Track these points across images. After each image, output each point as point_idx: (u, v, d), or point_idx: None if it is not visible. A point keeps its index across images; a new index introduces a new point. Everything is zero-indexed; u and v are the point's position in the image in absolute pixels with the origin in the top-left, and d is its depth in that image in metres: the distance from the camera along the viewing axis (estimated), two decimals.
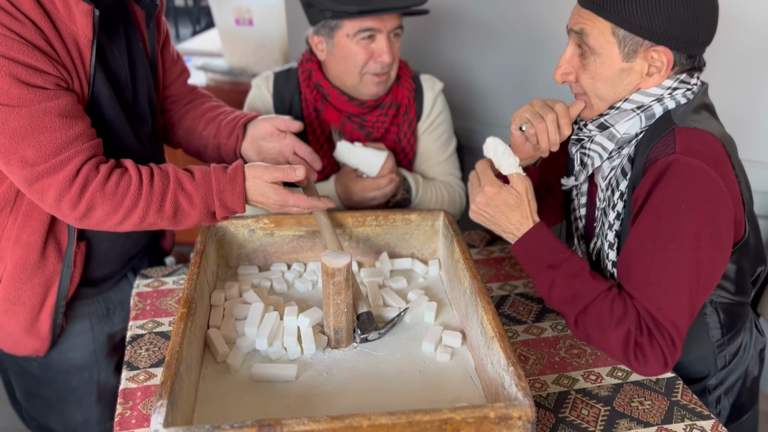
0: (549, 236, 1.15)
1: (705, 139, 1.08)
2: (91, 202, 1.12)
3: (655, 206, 1.06)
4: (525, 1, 1.97)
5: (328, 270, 1.10)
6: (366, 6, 1.39)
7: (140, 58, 1.30)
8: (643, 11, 1.06)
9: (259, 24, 2.35)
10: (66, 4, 1.10)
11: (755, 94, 1.80)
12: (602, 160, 1.19)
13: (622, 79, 1.13)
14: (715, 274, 1.09)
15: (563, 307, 1.13)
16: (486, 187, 1.14)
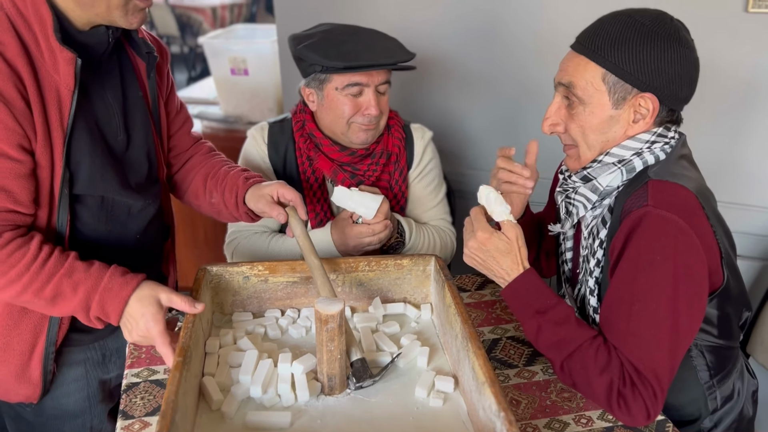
0: (538, 282, 1.18)
1: (677, 192, 1.13)
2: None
3: (631, 258, 1.10)
4: (511, 51, 2.04)
5: (321, 317, 1.12)
6: (352, 62, 1.44)
7: (138, 107, 1.33)
8: (634, 60, 1.13)
9: (254, 73, 2.42)
10: (51, 51, 1.12)
11: (735, 138, 1.87)
12: (586, 210, 1.24)
13: (610, 126, 1.18)
14: (693, 323, 1.12)
15: (549, 353, 1.17)
16: (478, 233, 1.19)
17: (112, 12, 1.14)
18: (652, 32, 1.13)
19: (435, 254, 1.44)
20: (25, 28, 1.11)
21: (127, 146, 1.31)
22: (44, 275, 1.14)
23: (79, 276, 1.16)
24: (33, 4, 1.11)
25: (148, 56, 1.31)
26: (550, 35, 1.97)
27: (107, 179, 1.25)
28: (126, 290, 1.17)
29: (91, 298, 1.16)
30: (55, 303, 1.16)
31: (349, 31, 1.53)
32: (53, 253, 1.16)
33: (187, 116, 1.56)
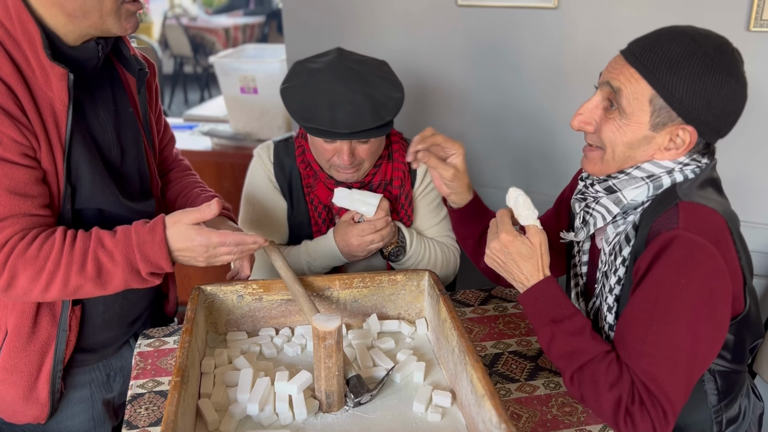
0: (557, 291, 1.16)
1: (708, 216, 1.08)
2: (13, 269, 1.12)
3: (656, 279, 1.07)
4: (513, 72, 2.07)
5: (319, 333, 1.11)
6: (309, 124, 1.40)
7: (130, 122, 1.33)
8: (688, 89, 1.07)
9: (263, 92, 2.46)
10: (43, 69, 1.13)
11: (741, 156, 1.87)
12: (605, 222, 1.20)
13: (640, 145, 1.13)
14: (713, 349, 1.09)
15: (560, 363, 1.14)
16: (501, 234, 1.16)
17: (105, 20, 1.14)
18: (714, 63, 1.06)
19: (428, 269, 1.43)
20: (15, 47, 1.12)
21: (121, 161, 1.31)
22: (78, 254, 1.14)
23: (109, 243, 1.16)
24: (20, 23, 1.11)
25: (139, 72, 1.31)
26: (551, 57, 2.00)
27: (106, 193, 1.25)
28: (158, 234, 1.17)
29: (133, 259, 1.16)
30: (102, 278, 1.16)
31: (341, 73, 1.45)
32: (77, 234, 1.16)
33: (171, 134, 1.57)
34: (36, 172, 1.15)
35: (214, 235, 1.17)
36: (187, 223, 1.18)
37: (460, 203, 1.41)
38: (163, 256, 1.17)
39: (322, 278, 1.39)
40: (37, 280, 1.14)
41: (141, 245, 1.16)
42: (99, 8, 1.12)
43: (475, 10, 2.02)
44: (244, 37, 7.25)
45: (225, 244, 1.18)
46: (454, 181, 1.36)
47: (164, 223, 1.18)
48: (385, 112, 1.43)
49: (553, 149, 2.07)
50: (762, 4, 1.67)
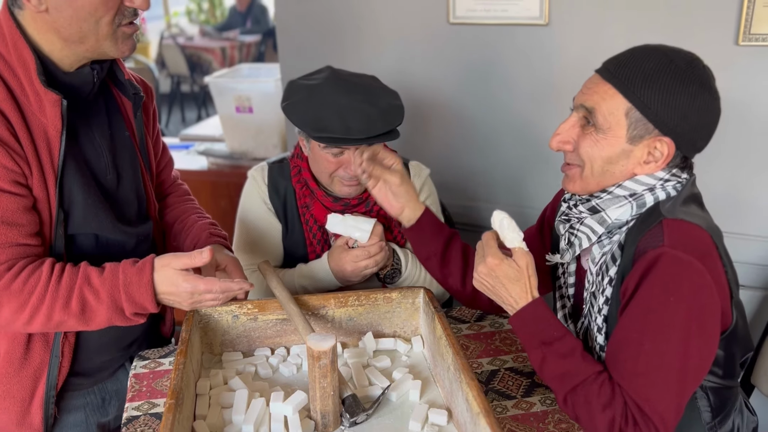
0: (546, 313, 1.16)
1: (693, 232, 1.09)
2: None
3: (644, 298, 1.07)
4: (507, 89, 2.09)
5: (313, 353, 1.11)
6: (323, 134, 1.41)
7: (126, 146, 1.34)
8: (663, 101, 1.08)
9: (259, 111, 2.48)
10: (37, 95, 1.14)
11: (732, 168, 1.89)
12: (590, 243, 1.20)
13: (619, 159, 1.14)
14: (704, 365, 1.09)
15: (553, 384, 1.14)
16: (488, 258, 1.16)
17: (102, 44, 1.15)
18: (686, 75, 1.09)
19: (424, 287, 1.43)
20: (9, 73, 1.13)
21: (117, 185, 1.31)
22: (64, 290, 1.14)
23: (96, 281, 1.16)
24: (16, 49, 1.12)
25: (134, 96, 1.32)
26: (542, 73, 2.02)
27: (100, 217, 1.25)
28: (145, 277, 1.17)
29: (118, 299, 1.16)
30: (86, 316, 1.16)
31: (340, 87, 1.48)
32: (65, 269, 1.16)
33: (170, 157, 1.58)
34: (25, 200, 1.15)
35: (200, 282, 1.18)
36: (175, 267, 1.18)
37: (413, 217, 1.41)
38: (149, 299, 1.17)
39: (317, 297, 1.39)
40: (21, 313, 1.14)
41: (127, 286, 1.16)
42: (95, 32, 1.12)
43: (466, 27, 2.04)
44: (240, 56, 7.29)
45: (211, 291, 1.19)
46: (402, 186, 1.39)
47: (153, 265, 1.18)
48: (392, 118, 1.45)
49: (546, 164, 2.08)
50: (750, 19, 1.69)
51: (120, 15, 1.13)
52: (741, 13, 1.70)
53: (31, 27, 1.13)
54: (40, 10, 1.09)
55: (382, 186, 1.40)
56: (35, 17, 1.11)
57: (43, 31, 1.13)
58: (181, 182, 1.63)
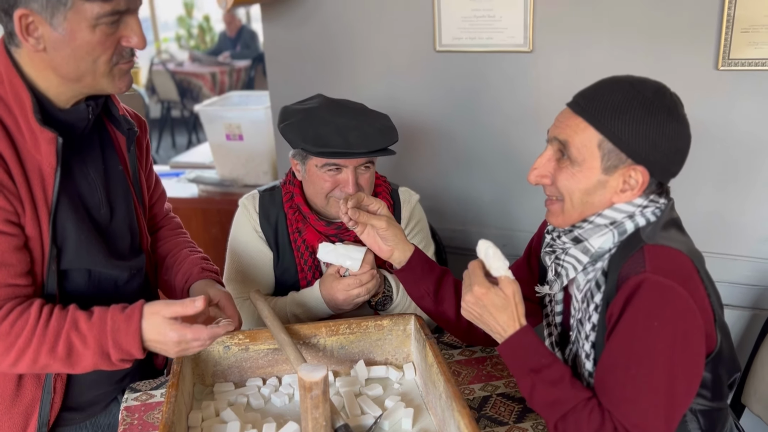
0: (534, 340, 1.17)
1: (673, 256, 1.11)
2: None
3: (629, 324, 1.09)
4: (494, 115, 2.12)
5: (305, 384, 1.11)
6: (324, 149, 1.45)
7: (119, 180, 1.34)
8: (633, 132, 1.11)
9: (249, 138, 2.50)
10: (32, 132, 1.14)
11: (715, 190, 1.92)
12: (576, 272, 1.21)
13: (596, 190, 1.16)
14: (691, 388, 1.11)
15: (543, 412, 1.15)
16: (475, 287, 1.17)
17: (99, 81, 1.16)
18: (653, 105, 1.12)
19: (415, 314, 1.44)
20: (5, 110, 1.14)
21: (110, 219, 1.32)
22: (51, 334, 1.13)
23: (84, 326, 1.15)
24: (12, 87, 1.13)
25: (129, 131, 1.33)
26: (527, 98, 2.06)
27: (93, 253, 1.26)
28: (133, 324, 1.15)
29: (105, 345, 1.15)
30: (72, 360, 1.15)
31: (335, 110, 1.53)
32: (54, 312, 1.16)
33: (162, 189, 1.58)
34: (16, 239, 1.15)
35: (188, 331, 1.16)
36: (165, 315, 1.16)
37: (403, 259, 1.42)
38: (135, 346, 1.16)
39: (308, 326, 1.40)
40: (6, 356, 1.13)
41: (115, 332, 1.15)
42: (93, 71, 1.14)
43: (452, 54, 2.08)
44: (230, 82, 7.33)
45: (198, 338, 1.17)
46: (389, 230, 1.40)
47: (141, 312, 1.17)
48: (389, 136, 1.51)
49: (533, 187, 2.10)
50: (728, 45, 1.74)
51: (117, 54, 1.14)
52: (720, 39, 1.75)
53: (28, 65, 1.14)
54: (38, 49, 1.10)
55: (370, 231, 1.41)
56: (32, 56, 1.13)
57: (40, 68, 1.14)
58: (174, 215, 1.63)
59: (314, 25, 2.23)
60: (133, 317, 1.16)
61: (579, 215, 1.20)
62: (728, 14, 1.71)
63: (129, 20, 1.12)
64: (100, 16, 1.08)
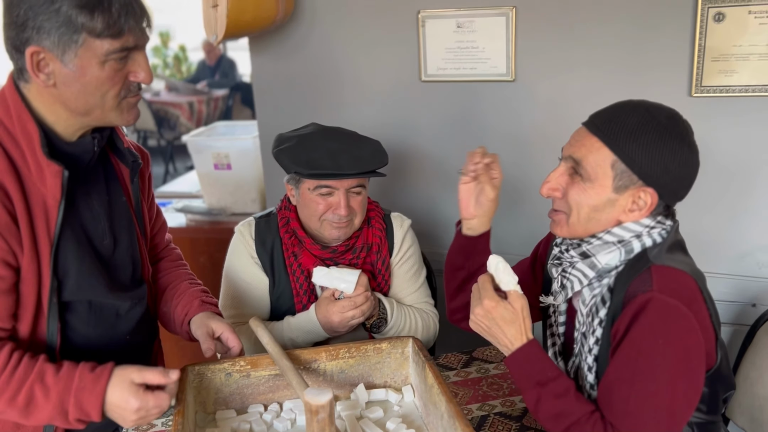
0: (540, 354, 1.21)
1: (679, 278, 1.17)
2: None
3: (634, 340, 1.13)
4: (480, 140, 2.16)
5: (311, 408, 1.13)
6: (315, 170, 1.50)
7: (123, 211, 1.36)
8: (646, 155, 1.16)
9: (237, 167, 2.52)
10: (38, 165, 1.16)
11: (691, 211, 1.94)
12: (582, 286, 1.26)
13: (605, 207, 1.21)
14: (691, 404, 1.16)
15: (548, 424, 1.19)
16: (485, 301, 1.20)
17: (107, 114, 1.19)
18: (667, 131, 1.17)
19: (412, 336, 1.47)
20: (12, 144, 1.16)
21: (113, 250, 1.33)
22: (15, 382, 1.13)
23: (50, 380, 1.15)
24: (20, 122, 1.15)
25: (133, 163, 1.36)
26: (511, 125, 2.13)
27: (94, 284, 1.27)
28: (99, 385, 1.15)
29: (66, 401, 1.15)
30: (28, 411, 1.14)
31: (329, 135, 1.59)
32: (22, 360, 1.15)
33: (164, 220, 1.60)
34: (3, 283, 1.15)
35: (150, 397, 1.15)
36: (134, 381, 1.16)
37: (477, 230, 1.45)
38: (96, 408, 1.15)
39: (308, 351, 1.42)
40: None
41: (79, 390, 1.15)
42: (101, 105, 1.17)
43: (437, 84, 2.15)
44: (208, 110, 7.34)
45: (159, 406, 1.17)
46: (492, 202, 1.42)
47: (110, 374, 1.17)
48: (379, 159, 1.57)
49: (518, 212, 2.17)
50: (701, 73, 1.83)
51: (125, 89, 1.17)
52: (692, 68, 1.84)
53: (37, 100, 1.17)
54: (48, 85, 1.13)
55: (473, 188, 1.42)
56: (42, 91, 1.15)
57: (49, 103, 1.16)
58: (174, 246, 1.65)
59: (302, 56, 2.28)
60: (102, 378, 1.16)
61: (584, 230, 1.25)
62: (699, 44, 1.81)
63: (137, 56, 1.16)
64: (109, 53, 1.11)
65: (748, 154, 1.90)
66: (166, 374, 1.17)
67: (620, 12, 1.90)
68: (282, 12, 2.09)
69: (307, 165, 1.51)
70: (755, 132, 1.87)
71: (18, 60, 1.13)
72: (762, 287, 1.96)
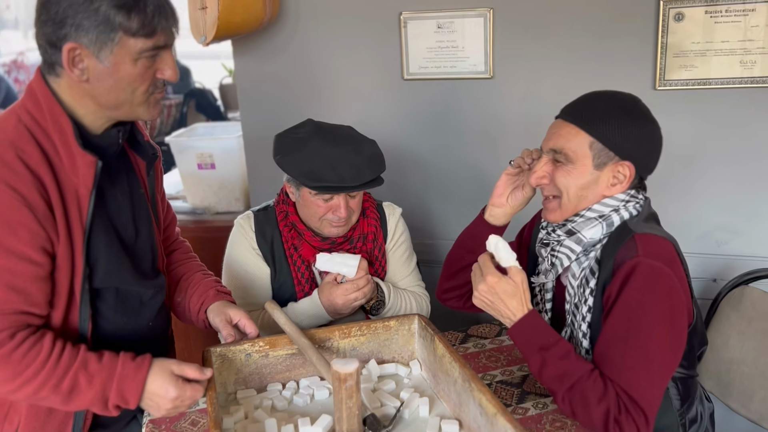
0: (540, 322, 1.33)
1: (660, 243, 1.31)
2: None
3: (626, 301, 1.27)
4: (459, 134, 2.30)
5: (340, 376, 1.21)
6: (318, 183, 1.57)
7: (141, 202, 1.41)
8: (619, 133, 1.32)
9: (221, 166, 2.56)
10: (71, 156, 1.21)
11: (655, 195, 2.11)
12: (570, 261, 1.39)
13: (590, 185, 1.35)
14: (677, 356, 1.30)
15: (552, 385, 1.30)
16: (488, 277, 1.31)
17: (135, 109, 1.24)
18: (632, 111, 1.34)
19: (418, 313, 1.57)
20: (44, 137, 1.20)
21: (135, 239, 1.38)
22: (60, 370, 1.18)
23: (94, 367, 1.20)
24: (52, 115, 1.20)
25: (152, 156, 1.41)
26: (489, 120, 2.26)
27: (122, 271, 1.32)
28: (141, 373, 1.22)
29: (108, 388, 1.20)
30: (71, 397, 1.19)
31: (328, 139, 1.63)
32: (66, 348, 1.20)
33: (174, 213, 1.66)
34: (41, 270, 1.19)
35: (188, 388, 1.23)
36: (173, 371, 1.23)
37: (498, 220, 1.59)
38: (136, 395, 1.21)
39: (322, 330, 1.50)
40: (10, 383, 1.16)
41: (122, 377, 1.20)
42: (131, 100, 1.22)
43: (419, 82, 2.26)
44: (161, 117, 7.25)
45: (194, 397, 1.24)
46: (523, 202, 1.56)
47: (151, 363, 1.23)
48: (377, 166, 1.64)
49: None
50: (664, 68, 2.00)
51: (153, 85, 1.23)
52: (656, 64, 2.01)
53: (66, 93, 1.21)
54: (82, 80, 1.18)
55: (512, 180, 1.55)
56: (72, 85, 1.20)
57: (79, 97, 1.21)
58: (183, 239, 1.70)
59: (286, 57, 2.36)
60: (143, 367, 1.22)
61: (574, 209, 1.38)
62: (662, 42, 1.98)
63: (165, 55, 1.22)
64: (142, 51, 1.17)
65: (706, 141, 2.08)
66: (202, 371, 1.25)
67: (590, 13, 2.06)
68: (269, 14, 2.16)
69: (311, 177, 1.57)
70: (712, 121, 2.05)
71: (52, 55, 1.17)
72: (721, 263, 2.15)
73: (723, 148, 2.07)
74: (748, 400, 1.73)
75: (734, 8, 1.90)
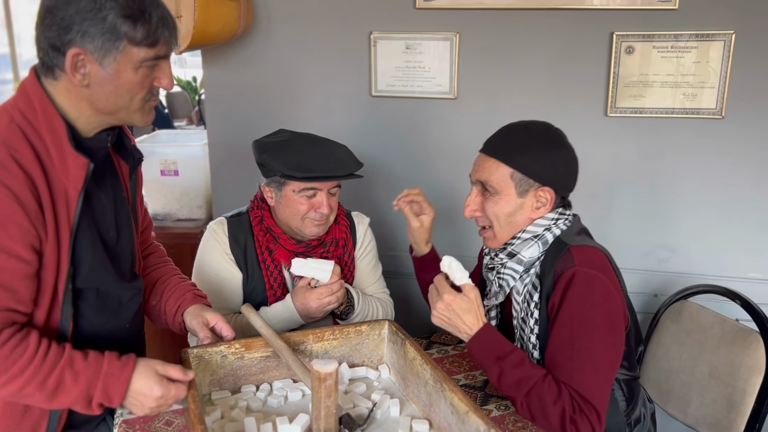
0: (495, 333, 1.43)
1: (593, 253, 1.44)
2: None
3: (568, 308, 1.38)
4: (424, 150, 2.40)
5: (320, 376, 1.26)
6: (309, 174, 1.65)
7: (123, 206, 1.43)
8: (536, 162, 1.45)
9: (184, 174, 2.56)
10: (62, 157, 1.22)
11: (602, 214, 2.32)
12: (515, 281, 1.51)
13: (516, 211, 1.49)
14: (618, 355, 1.42)
15: (511, 392, 1.39)
16: (444, 296, 1.41)
17: (131, 115, 1.28)
18: (547, 140, 1.47)
19: (388, 319, 1.63)
20: (36, 137, 1.21)
21: (116, 242, 1.40)
22: (46, 367, 1.18)
23: (79, 365, 1.21)
24: (45, 116, 1.21)
25: (136, 160, 1.43)
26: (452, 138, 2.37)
27: (104, 272, 1.34)
28: (126, 372, 1.24)
29: (93, 386, 1.21)
30: (55, 395, 1.20)
31: (307, 141, 1.75)
32: (51, 345, 1.21)
33: (150, 218, 1.68)
34: (29, 267, 1.20)
35: (172, 387, 1.26)
36: (158, 371, 1.25)
37: (418, 253, 1.76)
38: (120, 393, 1.23)
39: (297, 334, 1.54)
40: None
41: (108, 376, 1.22)
42: (128, 107, 1.25)
43: (386, 99, 2.35)
44: None
45: (177, 397, 1.27)
46: (415, 233, 1.72)
47: (136, 362, 1.26)
48: (356, 161, 1.76)
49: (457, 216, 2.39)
50: (615, 96, 2.16)
51: (149, 93, 1.27)
52: (608, 92, 2.17)
53: (62, 96, 1.23)
54: (83, 85, 1.20)
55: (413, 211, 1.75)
56: (70, 88, 1.22)
57: (76, 100, 1.23)
58: (158, 243, 1.72)
59: (256, 68, 2.40)
60: (128, 366, 1.25)
61: (508, 234, 1.51)
62: (614, 72, 2.14)
63: (163, 64, 1.26)
64: (143, 60, 1.21)
65: (651, 165, 2.25)
66: (185, 372, 1.28)
67: (548, 42, 2.20)
68: (243, 25, 2.21)
69: (300, 169, 1.65)
70: (658, 147, 2.22)
71: (54, 58, 1.19)
72: (662, 280, 2.31)
73: (665, 172, 2.25)
74: (686, 406, 1.87)
75: (679, 45, 2.08)
